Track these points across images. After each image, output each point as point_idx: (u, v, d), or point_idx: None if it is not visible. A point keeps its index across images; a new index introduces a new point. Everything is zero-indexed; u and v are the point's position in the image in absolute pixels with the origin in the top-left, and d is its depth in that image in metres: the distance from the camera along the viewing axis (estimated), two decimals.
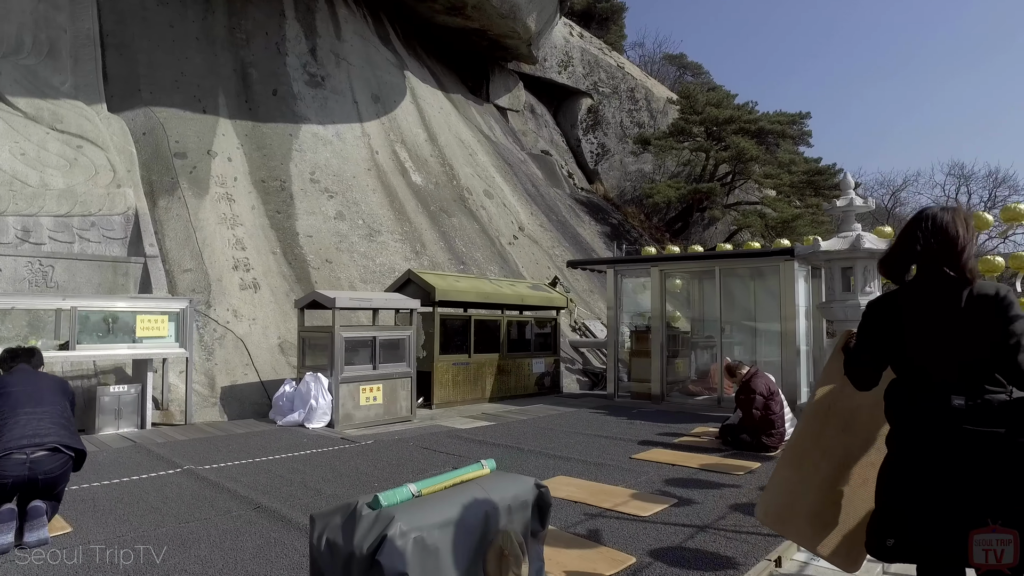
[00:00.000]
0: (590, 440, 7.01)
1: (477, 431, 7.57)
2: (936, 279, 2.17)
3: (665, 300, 10.03)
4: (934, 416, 2.13)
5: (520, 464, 5.84)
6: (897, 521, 2.21)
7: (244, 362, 9.54)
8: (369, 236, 13.33)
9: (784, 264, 9.00)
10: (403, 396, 8.56)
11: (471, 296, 10.21)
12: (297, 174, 13.36)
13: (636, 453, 6.29)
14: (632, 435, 7.30)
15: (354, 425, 7.91)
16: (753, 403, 6.20)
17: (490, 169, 18.25)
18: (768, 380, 6.38)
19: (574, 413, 9.06)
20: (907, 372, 2.24)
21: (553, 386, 11.60)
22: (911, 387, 2.21)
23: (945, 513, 2.09)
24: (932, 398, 2.14)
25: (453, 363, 9.97)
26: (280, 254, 11.78)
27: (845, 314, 7.76)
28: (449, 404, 9.86)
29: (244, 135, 13.21)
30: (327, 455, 6.19)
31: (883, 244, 7.66)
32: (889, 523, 2.24)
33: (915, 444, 2.18)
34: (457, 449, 6.50)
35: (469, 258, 14.73)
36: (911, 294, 2.23)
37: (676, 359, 10.73)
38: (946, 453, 2.10)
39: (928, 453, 2.14)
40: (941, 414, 2.11)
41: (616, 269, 10.56)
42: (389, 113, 16.69)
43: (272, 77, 14.51)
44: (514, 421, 8.38)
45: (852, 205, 7.96)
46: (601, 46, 25.91)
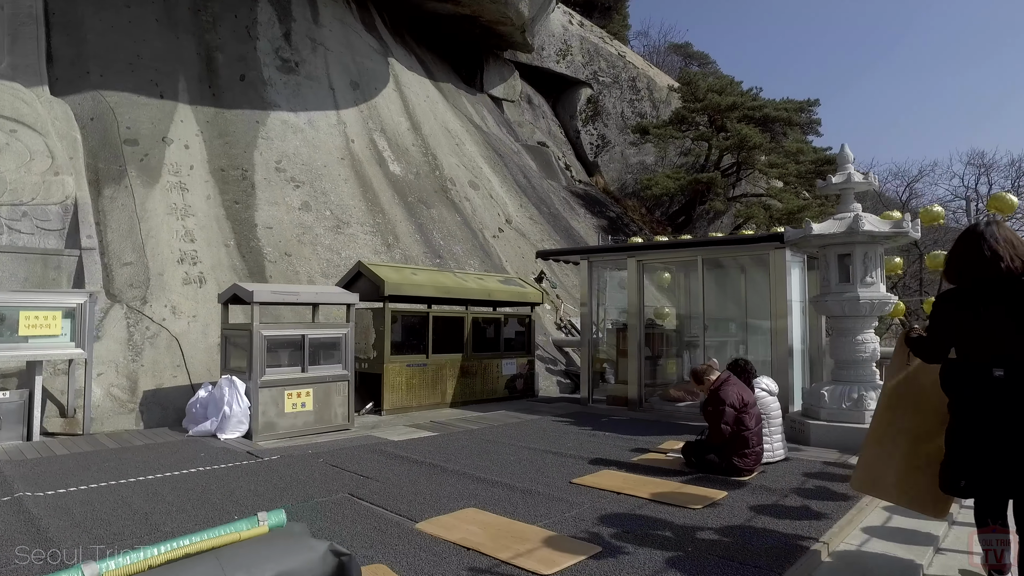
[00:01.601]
0: (535, 457, 5.86)
1: (410, 444, 6.46)
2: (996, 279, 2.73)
3: (643, 294, 8.83)
4: (984, 383, 2.74)
5: (433, 488, 4.72)
6: (965, 466, 2.80)
7: (175, 363, 8.55)
8: (336, 228, 12.30)
9: (775, 253, 7.76)
10: (339, 402, 7.48)
11: (428, 291, 9.10)
12: (262, 163, 12.37)
13: (580, 476, 5.14)
14: (588, 451, 6.14)
15: (277, 435, 6.85)
16: (722, 417, 5.01)
17: (478, 159, 17.14)
18: (741, 389, 5.18)
19: (535, 422, 7.91)
20: (967, 350, 2.83)
21: (527, 389, 10.45)
22: (966, 363, 2.82)
23: (998, 457, 2.69)
24: (982, 369, 2.73)
25: (407, 364, 8.88)
26: (234, 247, 10.79)
27: (842, 309, 6.52)
28: (402, 410, 8.77)
29: (205, 122, 12.25)
30: (213, 475, 5.13)
31: (887, 227, 6.40)
32: (959, 468, 2.84)
33: (970, 406, 2.80)
34: (370, 467, 5.40)
35: (447, 251, 13.63)
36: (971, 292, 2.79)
37: (660, 360, 9.53)
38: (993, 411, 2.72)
39: (980, 412, 2.76)
40: (987, 381, 2.72)
41: (591, 260, 9.37)
42: (369, 101, 15.65)
43: (240, 62, 13.53)
44: (462, 431, 7.25)
45: (850, 181, 6.71)
46: (602, 35, 24.63)
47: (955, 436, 2.89)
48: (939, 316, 2.98)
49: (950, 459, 2.92)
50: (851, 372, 6.58)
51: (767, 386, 5.69)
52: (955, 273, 2.95)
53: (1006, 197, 8.34)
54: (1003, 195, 8.40)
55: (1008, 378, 2.66)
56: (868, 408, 6.28)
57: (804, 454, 6.02)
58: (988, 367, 2.72)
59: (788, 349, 7.64)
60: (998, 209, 8.43)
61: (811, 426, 6.44)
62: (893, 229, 6.33)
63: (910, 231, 6.32)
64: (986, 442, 2.73)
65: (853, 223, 6.33)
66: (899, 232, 6.30)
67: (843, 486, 4.86)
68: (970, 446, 2.80)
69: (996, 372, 2.68)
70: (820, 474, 5.23)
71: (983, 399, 2.73)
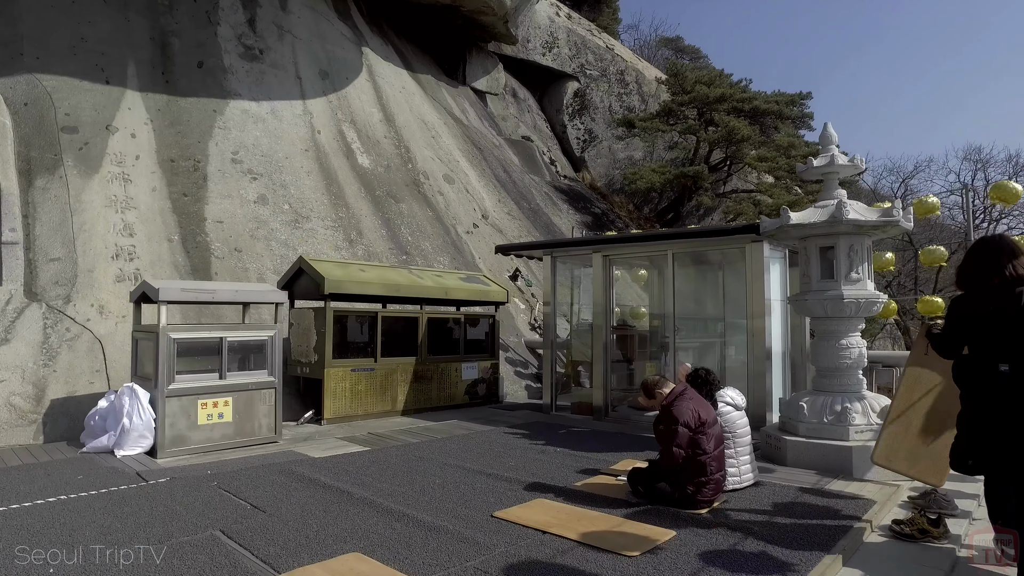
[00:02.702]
0: (464, 480, 5.00)
1: (330, 463, 5.60)
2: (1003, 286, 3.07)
3: (611, 292, 7.96)
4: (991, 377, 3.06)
5: (324, 523, 3.86)
6: (973, 448, 3.15)
7: (95, 368, 7.70)
8: (294, 222, 11.44)
9: (751, 246, 6.89)
10: (264, 412, 6.62)
11: (376, 288, 8.24)
12: (217, 153, 11.52)
13: (506, 507, 4.27)
14: (528, 472, 5.28)
15: (187, 450, 6.00)
16: (674, 438, 4.14)
17: (455, 153, 16.26)
18: (699, 405, 4.30)
19: (485, 434, 7.05)
20: (976, 348, 3.15)
21: (490, 395, 9.59)
22: (976, 359, 3.15)
23: (1004, 441, 3.00)
24: (989, 365, 3.06)
25: (352, 369, 8.02)
26: (178, 242, 9.93)
27: (824, 310, 5.65)
28: (346, 419, 7.91)
29: (156, 110, 11.39)
30: (72, 506, 4.27)
31: (874, 215, 5.53)
32: (968, 449, 3.19)
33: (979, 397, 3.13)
34: (267, 493, 4.54)
35: (415, 248, 12.77)
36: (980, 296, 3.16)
37: (632, 364, 8.66)
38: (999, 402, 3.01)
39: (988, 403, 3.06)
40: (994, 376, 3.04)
41: (554, 255, 8.49)
42: (339, 91, 14.78)
43: (199, 48, 12.67)
44: (398, 446, 6.39)
45: (833, 164, 5.83)
46: (590, 27, 23.71)
47: (963, 419, 3.25)
48: (953, 318, 3.30)
49: (960, 441, 3.25)
50: (834, 381, 5.71)
51: (732, 399, 4.82)
52: (966, 281, 3.29)
53: (1009, 185, 7.47)
54: (1006, 184, 7.53)
55: (1012, 373, 2.97)
56: (853, 423, 5.41)
57: (778, 476, 5.15)
58: (995, 364, 3.03)
59: (766, 352, 6.77)
60: (1000, 199, 7.56)
61: (788, 443, 5.57)
62: (882, 218, 5.46)
63: (901, 220, 5.45)
64: (992, 429, 3.05)
65: (836, 211, 5.45)
66: (888, 221, 5.43)
67: (818, 522, 4.00)
68: (977, 431, 3.14)
69: (1002, 368, 3.00)
70: (793, 505, 4.36)
71: (991, 391, 3.05)
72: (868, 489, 4.77)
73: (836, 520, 4.06)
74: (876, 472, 5.20)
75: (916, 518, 3.98)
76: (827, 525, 3.94)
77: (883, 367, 8.47)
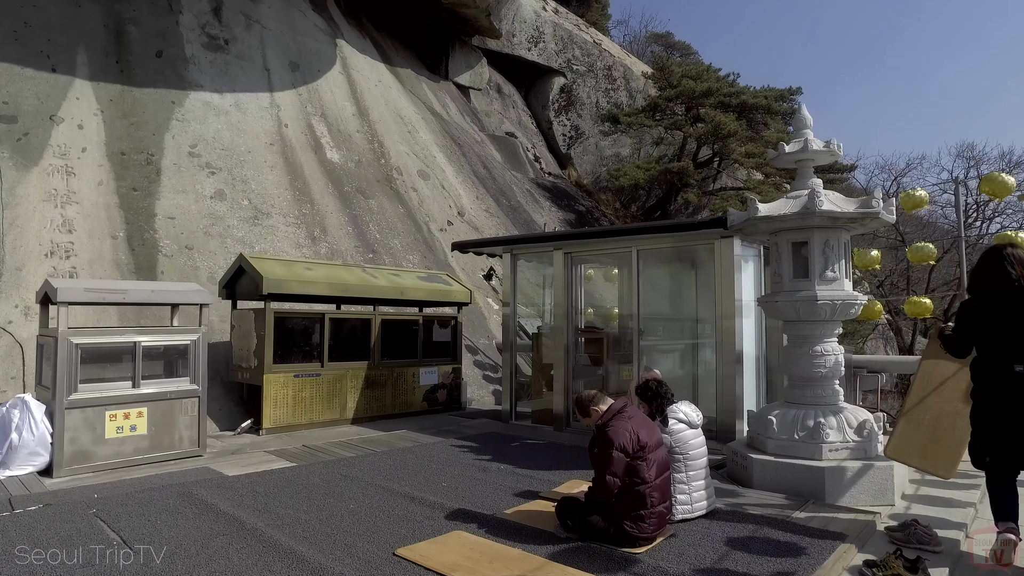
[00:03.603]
0: (382, 504, 4.35)
1: (243, 482, 4.95)
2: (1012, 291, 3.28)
3: (573, 291, 7.31)
4: (1006, 377, 3.25)
5: (191, 565, 3.21)
6: (990, 445, 3.35)
7: (11, 375, 7.06)
8: (254, 219, 10.79)
9: (721, 243, 6.24)
10: (185, 423, 5.97)
11: (322, 288, 7.59)
12: (173, 146, 10.87)
13: (418, 540, 3.62)
14: (459, 494, 4.63)
15: (92, 468, 5.35)
16: (608, 465, 3.49)
17: (432, 148, 15.61)
18: (639, 425, 3.65)
19: (430, 446, 6.40)
20: (989, 349, 3.36)
21: (451, 401, 8.94)
22: (991, 360, 3.34)
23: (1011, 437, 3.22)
24: (1004, 366, 3.26)
25: (295, 375, 7.37)
26: (123, 238, 9.28)
27: (796, 312, 5.00)
28: (288, 428, 7.26)
29: (108, 100, 10.74)
30: None
31: (851, 206, 4.88)
32: (985, 446, 3.38)
33: (995, 395, 3.31)
34: (148, 523, 3.88)
35: (383, 245, 12.12)
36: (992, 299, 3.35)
37: (600, 370, 8.00)
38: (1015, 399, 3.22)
39: (1004, 401, 3.26)
40: (1010, 376, 3.24)
41: (514, 252, 7.83)
42: (310, 83, 14.12)
43: (158, 37, 12.02)
44: (328, 461, 5.74)
45: (807, 150, 5.18)
46: (577, 22, 23.04)
47: (979, 418, 3.41)
48: (963, 321, 3.48)
49: (976, 438, 3.44)
50: (807, 392, 5.06)
51: (686, 415, 4.16)
52: (979, 287, 3.46)
53: (1000, 178, 6.82)
54: (997, 175, 6.89)
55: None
56: (826, 440, 4.76)
57: (740, 502, 4.50)
58: (1010, 364, 3.22)
59: (736, 356, 6.11)
60: (991, 192, 6.92)
61: (754, 462, 4.92)
62: (860, 210, 4.81)
63: (881, 212, 4.80)
64: (1009, 425, 3.22)
65: (808, 201, 4.80)
66: (867, 213, 4.77)
67: (776, 561, 3.35)
68: (994, 428, 3.31)
69: (1017, 368, 3.19)
70: (749, 541, 3.71)
71: (1007, 390, 3.23)
72: (840, 519, 4.12)
73: (797, 558, 3.41)
74: (851, 496, 4.55)
75: (891, 561, 3.33)
76: (785, 570, 3.30)
77: (868, 372, 7.82)
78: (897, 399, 13.21)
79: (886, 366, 7.76)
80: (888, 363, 8.07)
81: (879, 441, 4.96)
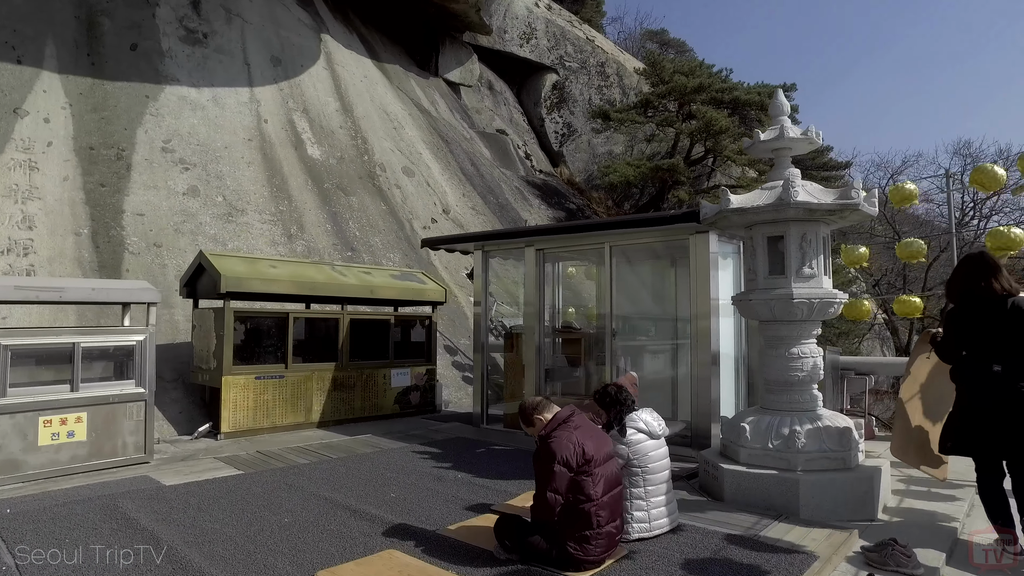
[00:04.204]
0: (321, 517, 3.99)
1: (178, 492, 4.59)
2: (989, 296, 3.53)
3: (544, 289, 6.95)
4: (985, 376, 3.50)
5: None
6: (953, 433, 3.68)
7: None
8: (227, 216, 10.44)
9: (696, 238, 5.87)
10: (130, 428, 5.62)
11: (287, 287, 7.24)
12: (145, 141, 10.53)
13: (347, 560, 3.27)
14: (405, 506, 4.27)
15: (22, 478, 5.01)
16: (549, 480, 3.13)
17: (418, 144, 15.25)
18: (586, 436, 3.28)
19: (390, 452, 6.04)
20: (972, 351, 3.59)
21: (425, 404, 8.58)
22: (972, 360, 3.58)
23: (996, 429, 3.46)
24: (984, 366, 3.51)
25: (257, 377, 7.02)
26: (87, 235, 8.94)
27: (771, 311, 4.63)
28: (249, 432, 6.91)
29: (78, 93, 10.41)
30: None
31: (829, 197, 4.51)
32: (948, 433, 3.72)
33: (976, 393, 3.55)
34: (50, 542, 3.53)
35: (362, 243, 11.76)
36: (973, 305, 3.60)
37: (577, 371, 7.64)
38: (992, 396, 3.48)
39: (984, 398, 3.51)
40: (988, 375, 3.49)
41: (485, 249, 7.47)
42: (293, 78, 13.77)
43: (133, 29, 11.68)
44: (278, 468, 5.38)
45: (783, 138, 4.81)
46: (570, 18, 22.67)
47: (956, 413, 3.74)
48: (950, 328, 3.74)
49: (945, 428, 3.80)
50: (783, 397, 4.69)
51: (646, 424, 3.80)
52: (958, 294, 3.74)
53: (990, 169, 6.44)
54: (988, 167, 6.50)
55: (1004, 372, 3.45)
56: (802, 449, 4.39)
57: (706, 518, 4.13)
58: (989, 364, 3.51)
59: (712, 357, 5.74)
60: (980, 184, 6.54)
61: (725, 473, 4.55)
62: (839, 200, 4.44)
63: (862, 204, 4.43)
64: (984, 419, 3.52)
65: (783, 192, 4.43)
66: (846, 205, 4.40)
67: None
68: (966, 421, 3.62)
69: (995, 368, 3.49)
70: (711, 564, 3.34)
71: (986, 387, 3.52)
72: (813, 537, 3.76)
73: None
74: (828, 511, 4.18)
75: None
76: None
77: (856, 374, 7.44)
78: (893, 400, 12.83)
79: (875, 368, 7.38)
80: (877, 364, 7.68)
81: (861, 450, 4.59)
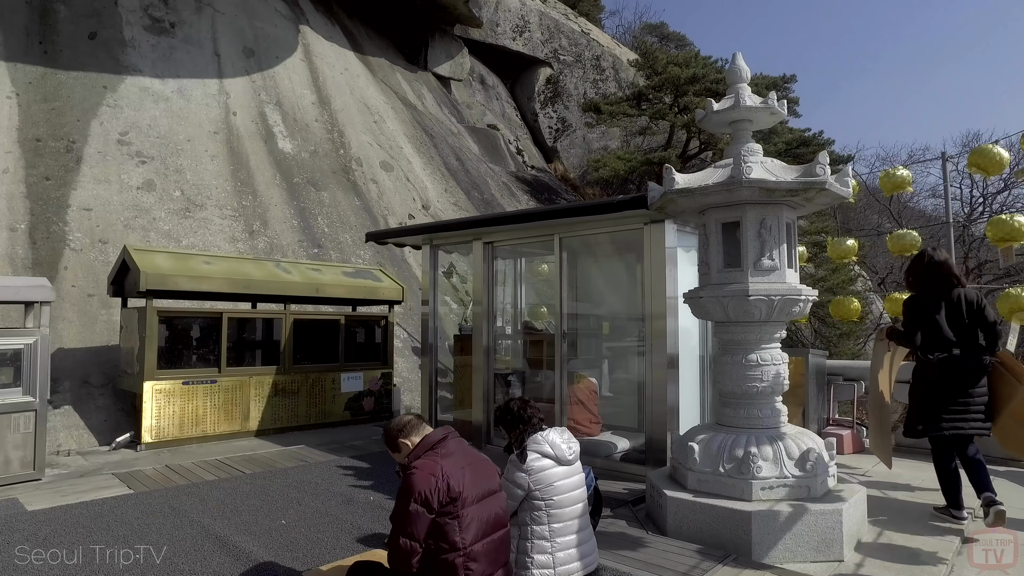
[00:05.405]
0: (183, 550, 3.34)
1: (38, 518, 3.96)
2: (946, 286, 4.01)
3: (492, 286, 6.26)
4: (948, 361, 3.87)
5: None
6: (921, 415, 4.01)
7: None
8: (185, 211, 9.85)
9: (650, 229, 5.15)
10: (15, 442, 5.01)
11: (219, 284, 6.61)
12: (99, 133, 9.98)
13: None
14: (291, 537, 3.60)
15: None
16: (405, 523, 2.45)
17: (399, 139, 14.61)
18: (456, 466, 2.59)
19: (312, 467, 5.38)
20: (932, 335, 3.93)
21: (380, 409, 7.93)
22: (933, 344, 3.93)
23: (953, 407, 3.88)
24: (945, 349, 3.88)
25: (184, 382, 6.39)
26: (24, 231, 8.39)
27: (725, 311, 3.91)
28: (175, 442, 6.29)
29: (27, 83, 9.89)
30: None
31: (790, 175, 3.78)
32: (916, 417, 4.05)
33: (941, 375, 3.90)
34: None
35: (331, 240, 11.14)
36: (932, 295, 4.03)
37: (539, 376, 6.94)
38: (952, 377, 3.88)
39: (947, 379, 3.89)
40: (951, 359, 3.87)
41: (433, 243, 6.80)
42: (266, 70, 13.19)
43: (92, 17, 11.15)
44: (170, 488, 4.73)
45: (739, 108, 4.09)
46: (565, 10, 21.93)
47: (917, 395, 4.08)
48: (911, 314, 4.09)
49: (911, 412, 4.12)
50: (739, 412, 3.96)
51: (553, 448, 3.10)
52: (918, 285, 4.18)
53: (991, 151, 5.65)
54: (988, 148, 5.71)
55: (963, 355, 3.86)
56: (758, 476, 3.66)
57: (637, 559, 3.43)
58: (949, 347, 3.89)
59: (669, 360, 5.01)
60: (979, 167, 5.75)
61: (668, 501, 3.83)
62: (801, 178, 3.71)
63: (830, 182, 3.69)
64: (945, 398, 3.89)
65: (734, 169, 3.72)
66: (810, 183, 3.67)
67: None
68: (937, 401, 3.92)
69: (955, 351, 3.88)
70: None
71: (948, 371, 3.87)
72: None
73: None
74: (786, 550, 3.46)
75: None
76: None
77: (844, 380, 6.69)
78: None
79: (864, 373, 6.61)
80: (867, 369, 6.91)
81: (831, 475, 3.86)
